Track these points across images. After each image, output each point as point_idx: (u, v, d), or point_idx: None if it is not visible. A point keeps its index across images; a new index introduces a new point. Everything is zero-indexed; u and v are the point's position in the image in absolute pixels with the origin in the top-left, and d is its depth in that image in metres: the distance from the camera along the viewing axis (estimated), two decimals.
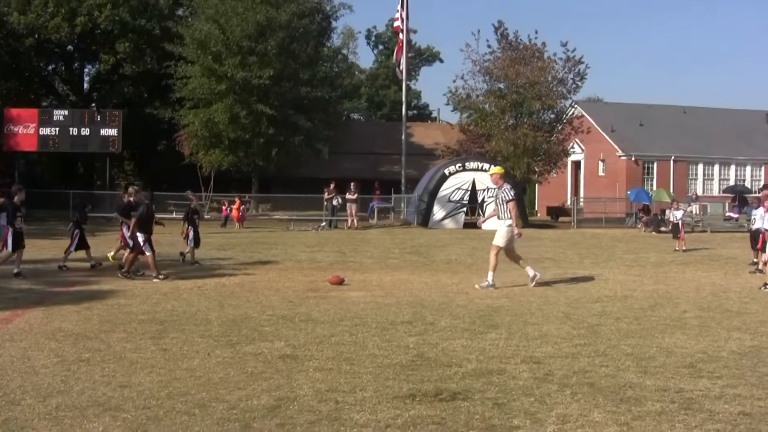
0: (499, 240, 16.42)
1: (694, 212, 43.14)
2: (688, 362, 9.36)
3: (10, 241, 17.22)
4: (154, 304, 13.83)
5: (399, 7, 48.18)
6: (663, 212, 40.10)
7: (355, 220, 39.22)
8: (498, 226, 16.73)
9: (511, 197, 16.57)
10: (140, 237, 17.46)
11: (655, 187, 52.35)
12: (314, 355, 9.63)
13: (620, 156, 54.96)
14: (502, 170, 17.48)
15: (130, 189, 20.04)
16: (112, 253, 20.85)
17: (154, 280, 17.13)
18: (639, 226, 41.22)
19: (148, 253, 17.51)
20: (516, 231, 16.62)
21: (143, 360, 9.35)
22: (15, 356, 9.50)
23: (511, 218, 16.40)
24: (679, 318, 12.66)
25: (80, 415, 7.16)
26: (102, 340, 10.46)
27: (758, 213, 20.22)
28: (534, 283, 16.31)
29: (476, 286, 16.26)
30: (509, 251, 16.73)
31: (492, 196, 38.51)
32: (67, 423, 6.95)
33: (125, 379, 8.42)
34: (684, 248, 26.30)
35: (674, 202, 30.69)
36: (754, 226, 20.67)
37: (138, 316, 12.50)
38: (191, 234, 20.87)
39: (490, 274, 16.32)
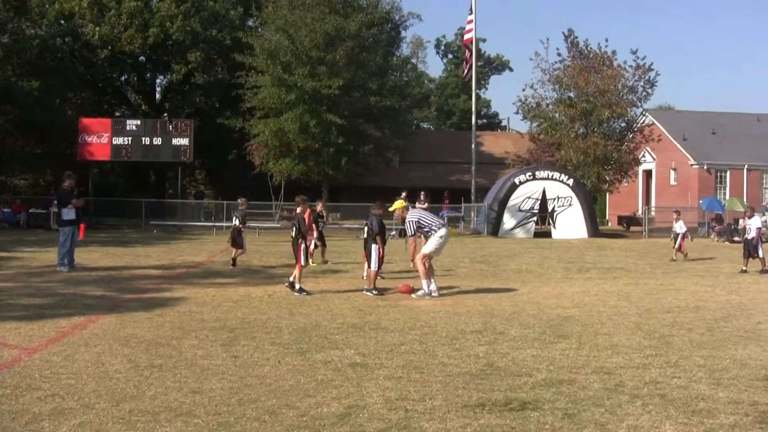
0: (429, 248, 16.47)
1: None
2: (762, 374, 9.22)
3: (302, 256, 16.93)
4: (225, 311, 13.96)
5: (470, 16, 48.16)
6: (736, 222, 39.60)
7: None
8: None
9: (411, 233, 16.78)
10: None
11: (727, 197, 51.60)
12: (384, 364, 9.65)
13: (692, 165, 54.21)
14: (402, 203, 17.90)
15: (298, 199, 18.89)
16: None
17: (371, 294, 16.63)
18: (712, 236, 40.73)
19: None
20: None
21: (214, 367, 9.44)
22: (89, 361, 9.65)
23: (440, 228, 16.64)
24: (754, 329, 12.48)
25: (153, 419, 7.25)
26: (174, 347, 10.59)
27: None
28: (416, 296, 16.15)
29: (412, 296, 16.23)
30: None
31: (562, 206, 38.74)
32: (140, 427, 7.05)
33: (197, 385, 8.51)
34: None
35: (747, 211, 29.56)
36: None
37: (209, 323, 12.62)
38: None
39: (425, 282, 16.28)
